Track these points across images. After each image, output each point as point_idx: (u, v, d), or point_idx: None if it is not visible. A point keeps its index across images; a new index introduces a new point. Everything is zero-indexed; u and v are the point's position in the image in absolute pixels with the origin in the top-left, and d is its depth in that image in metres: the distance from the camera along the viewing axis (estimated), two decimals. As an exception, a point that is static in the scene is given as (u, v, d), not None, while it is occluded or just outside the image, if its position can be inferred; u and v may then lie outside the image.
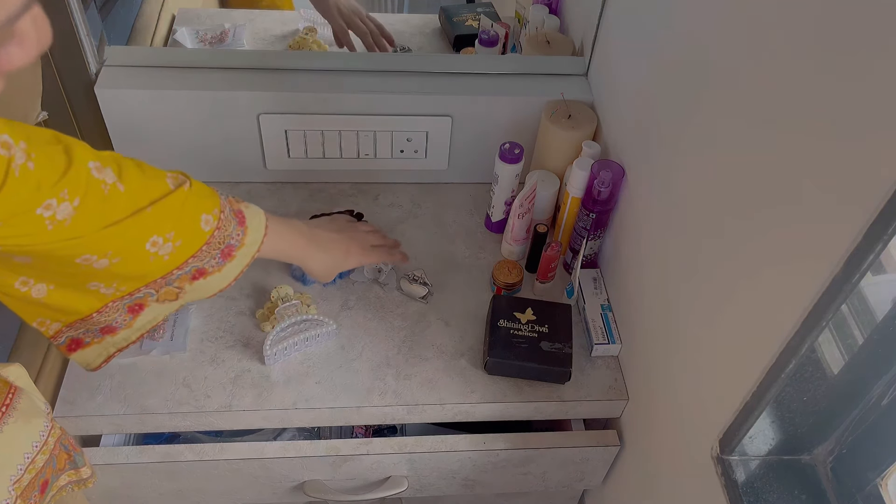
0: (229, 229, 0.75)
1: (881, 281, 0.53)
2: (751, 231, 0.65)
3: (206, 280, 0.75)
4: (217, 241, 0.74)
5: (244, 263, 0.78)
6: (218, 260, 0.75)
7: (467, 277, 1.09)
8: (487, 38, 1.23)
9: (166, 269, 0.71)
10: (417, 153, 1.16)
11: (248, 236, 0.77)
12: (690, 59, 0.77)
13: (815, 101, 0.56)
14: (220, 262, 0.75)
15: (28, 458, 0.67)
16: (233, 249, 0.76)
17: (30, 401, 0.68)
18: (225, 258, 0.75)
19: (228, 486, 0.98)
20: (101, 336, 0.78)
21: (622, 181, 0.97)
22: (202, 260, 0.73)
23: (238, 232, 0.76)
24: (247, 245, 0.77)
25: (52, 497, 0.73)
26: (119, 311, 0.76)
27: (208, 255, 0.74)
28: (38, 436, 0.68)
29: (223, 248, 0.75)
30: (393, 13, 1.41)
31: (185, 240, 0.70)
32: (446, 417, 0.96)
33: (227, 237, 0.75)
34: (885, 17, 0.48)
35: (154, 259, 0.69)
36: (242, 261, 0.77)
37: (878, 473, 0.63)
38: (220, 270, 0.76)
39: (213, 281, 0.76)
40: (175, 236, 0.69)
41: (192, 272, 0.74)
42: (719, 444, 0.70)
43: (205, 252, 0.73)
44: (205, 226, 0.72)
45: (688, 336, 0.79)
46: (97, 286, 0.71)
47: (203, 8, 1.34)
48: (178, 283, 0.74)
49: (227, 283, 0.78)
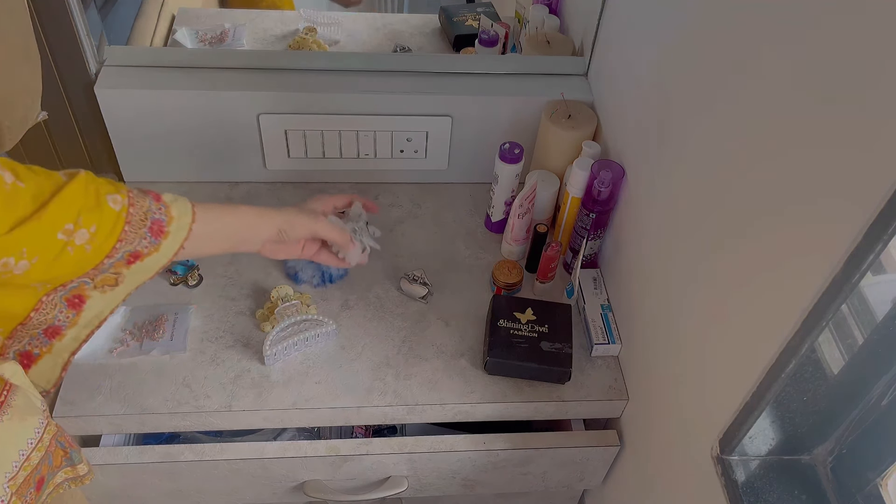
0: (145, 204, 0.70)
1: (881, 281, 0.53)
2: (751, 231, 0.65)
3: (143, 262, 0.71)
4: (138, 219, 0.69)
5: (181, 238, 0.73)
6: (150, 240, 0.70)
7: (467, 277, 1.09)
8: (487, 38, 1.23)
9: (94, 261, 0.68)
10: (417, 153, 1.16)
11: (174, 208, 0.72)
12: (690, 58, 0.77)
13: (815, 101, 0.56)
14: (153, 241, 0.71)
15: (23, 455, 0.67)
16: (163, 225, 0.71)
17: (25, 398, 0.68)
18: (158, 236, 0.71)
19: (228, 486, 0.98)
20: (49, 342, 0.75)
21: (622, 181, 0.97)
22: (131, 242, 0.69)
23: (158, 207, 0.71)
24: (176, 217, 0.72)
25: (48, 494, 0.73)
26: (58, 306, 0.72)
27: (135, 235, 0.69)
28: (33, 433, 0.68)
29: (150, 226, 0.70)
30: (393, 13, 1.41)
31: (99, 223, 0.66)
32: (446, 417, 0.96)
33: (146, 212, 0.70)
34: (885, 18, 0.48)
35: (74, 251, 0.65)
36: (179, 235, 0.72)
37: (878, 473, 0.63)
38: (157, 250, 0.71)
39: (150, 261, 0.72)
40: (86, 221, 0.65)
41: (126, 257, 0.70)
42: (719, 444, 0.70)
43: (129, 234, 0.68)
44: (114, 205, 0.67)
45: (688, 336, 0.79)
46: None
47: (203, 8, 1.34)
48: (114, 269, 0.70)
49: (167, 262, 0.73)
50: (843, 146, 0.53)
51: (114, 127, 1.08)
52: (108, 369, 0.93)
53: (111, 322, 0.97)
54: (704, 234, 0.74)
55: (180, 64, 1.09)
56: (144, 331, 0.96)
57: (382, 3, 1.42)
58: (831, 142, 0.54)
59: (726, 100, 0.69)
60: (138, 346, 0.95)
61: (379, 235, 0.94)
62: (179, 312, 0.99)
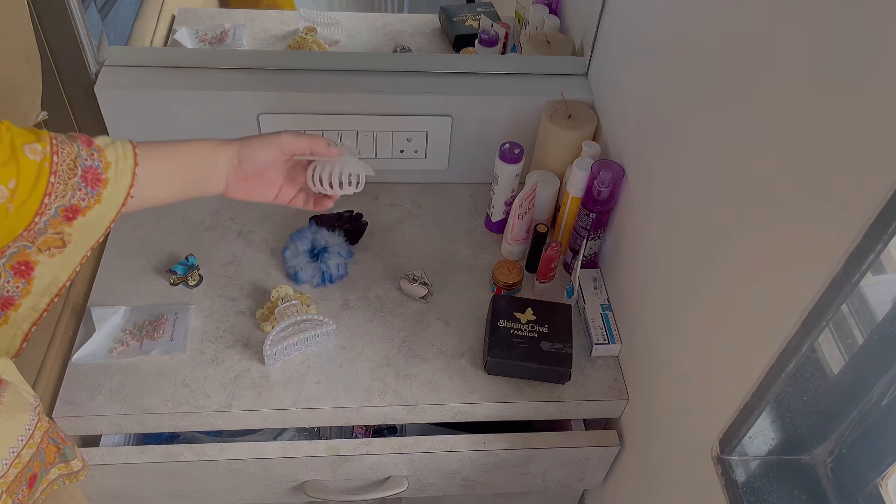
0: (73, 150, 0.62)
1: (881, 281, 0.53)
2: (751, 231, 0.65)
3: (86, 217, 0.64)
4: (65, 168, 0.61)
5: (125, 186, 0.65)
6: (87, 191, 0.63)
7: (467, 277, 1.09)
8: (487, 38, 1.23)
9: (21, 222, 0.61)
10: (417, 153, 1.16)
11: (109, 152, 0.65)
12: (691, 58, 0.77)
13: (815, 101, 0.56)
14: (90, 192, 0.63)
15: (13, 452, 0.66)
16: (98, 173, 0.63)
17: (16, 394, 0.68)
18: (95, 185, 0.63)
19: (228, 486, 0.98)
20: (3, 313, 0.70)
21: (622, 181, 0.97)
22: (62, 196, 0.62)
23: (89, 152, 0.64)
24: (114, 162, 0.64)
25: (42, 491, 0.72)
26: (3, 275, 0.67)
27: (65, 187, 0.62)
28: (23, 430, 0.67)
29: (84, 175, 0.62)
30: (393, 13, 1.41)
31: (18, 177, 0.59)
32: (446, 417, 0.96)
33: (75, 160, 0.62)
34: (884, 19, 0.48)
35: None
36: (121, 182, 0.65)
37: (878, 473, 0.63)
38: (98, 202, 0.64)
39: (95, 216, 0.65)
40: (1, 175, 0.58)
41: (62, 213, 0.63)
42: (719, 444, 0.70)
43: (58, 186, 0.61)
44: (32, 154, 0.60)
45: (688, 336, 0.79)
46: None
47: (203, 8, 1.34)
48: (52, 228, 0.63)
49: (116, 213, 0.66)
50: (843, 146, 0.53)
51: (114, 127, 1.08)
52: (108, 369, 0.93)
53: (111, 322, 0.97)
54: (704, 234, 0.74)
55: (180, 64, 1.09)
56: (144, 331, 0.96)
57: (382, 3, 1.42)
58: (831, 142, 0.54)
59: (726, 99, 0.69)
60: (138, 346, 0.95)
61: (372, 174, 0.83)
62: (179, 312, 0.99)
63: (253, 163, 0.74)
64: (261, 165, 0.75)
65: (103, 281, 1.03)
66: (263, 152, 0.75)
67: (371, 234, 1.13)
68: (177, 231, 1.11)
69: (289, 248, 1.06)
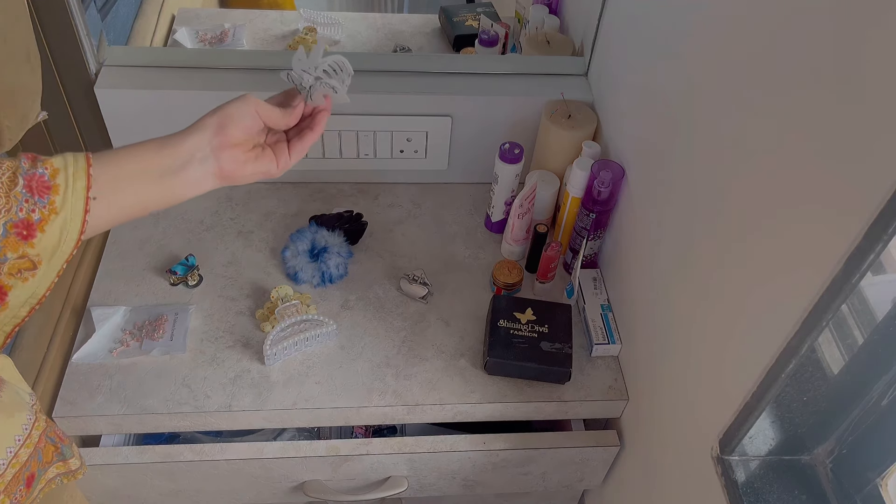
0: (13, 164, 0.58)
1: (881, 281, 0.53)
2: (751, 231, 0.65)
3: (45, 233, 0.58)
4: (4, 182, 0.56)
5: (81, 188, 0.59)
6: (35, 201, 0.57)
7: (467, 277, 1.08)
8: (487, 38, 1.23)
9: None
10: (417, 153, 1.16)
11: (57, 160, 0.59)
12: (691, 58, 0.77)
13: (815, 101, 0.56)
14: (40, 201, 0.57)
15: (11, 452, 0.65)
16: (45, 181, 0.58)
17: (13, 394, 0.67)
18: (44, 193, 0.58)
19: (228, 486, 0.98)
20: None
21: (622, 181, 0.97)
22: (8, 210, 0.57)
23: (32, 163, 0.58)
24: (63, 168, 0.59)
25: (40, 490, 0.72)
26: None
27: (9, 200, 0.56)
28: (20, 430, 0.67)
29: (27, 184, 0.57)
30: (393, 13, 1.41)
31: None
32: (446, 417, 0.96)
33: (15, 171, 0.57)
34: (883, 18, 0.48)
35: None
36: (76, 185, 0.59)
37: (878, 473, 0.63)
38: (53, 211, 0.58)
39: (56, 228, 0.59)
40: None
41: (12, 231, 0.57)
42: (719, 444, 0.70)
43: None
44: None
45: (688, 336, 0.79)
46: None
47: (203, 8, 1.34)
48: (11, 251, 0.58)
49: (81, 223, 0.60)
50: (844, 146, 0.53)
51: (114, 127, 1.08)
52: (108, 369, 0.93)
53: (111, 322, 0.97)
54: (704, 234, 0.74)
55: (180, 64, 1.09)
56: (144, 331, 0.96)
57: (382, 3, 1.42)
58: (831, 142, 0.54)
59: (726, 99, 0.69)
60: (138, 347, 0.95)
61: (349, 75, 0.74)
62: (179, 312, 0.99)
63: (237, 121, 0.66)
64: (246, 125, 0.68)
65: (103, 281, 1.03)
66: (240, 111, 0.67)
67: (371, 234, 1.13)
68: (176, 231, 1.11)
69: (288, 248, 1.06)
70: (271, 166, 0.71)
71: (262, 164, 0.70)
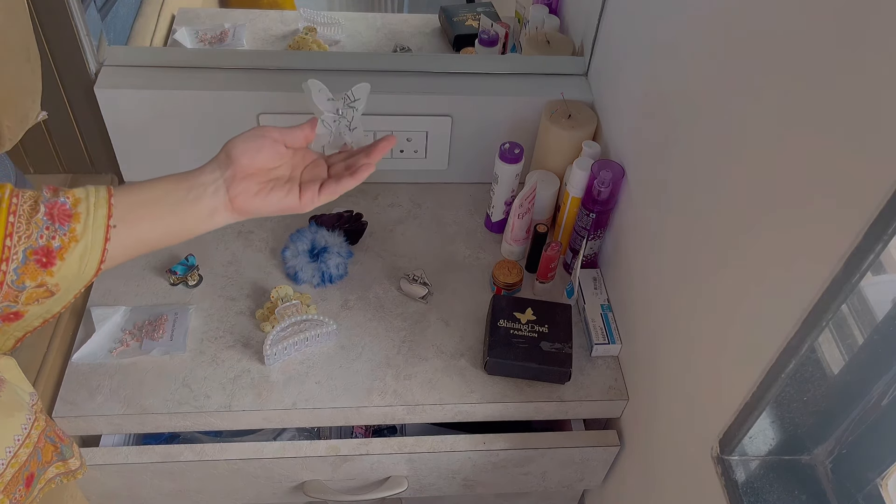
0: (35, 193, 0.59)
1: (881, 281, 0.53)
2: (751, 231, 0.65)
3: (64, 262, 0.59)
4: (26, 209, 0.58)
5: (102, 216, 0.60)
6: (56, 227, 0.58)
7: (467, 277, 1.08)
8: (487, 38, 1.23)
9: None
10: (417, 153, 1.16)
11: (78, 190, 0.60)
12: (690, 57, 0.77)
13: (815, 101, 0.56)
14: (60, 228, 0.58)
15: (10, 452, 0.66)
16: (67, 209, 0.59)
17: (13, 393, 0.67)
18: (65, 221, 0.58)
19: (228, 486, 0.98)
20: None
21: (622, 181, 0.97)
22: (29, 237, 0.57)
23: (53, 192, 0.60)
24: (85, 197, 0.60)
25: (40, 490, 0.72)
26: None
27: (31, 226, 0.57)
28: (20, 429, 0.67)
29: (49, 211, 0.58)
30: (393, 13, 1.41)
31: None
32: (446, 417, 0.96)
33: (37, 200, 0.58)
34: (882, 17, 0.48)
35: None
36: (97, 213, 0.60)
37: (878, 473, 0.63)
38: (74, 239, 0.59)
39: (76, 256, 0.59)
40: None
41: (32, 258, 0.57)
42: (719, 444, 0.70)
43: (20, 226, 0.57)
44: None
45: (688, 336, 0.79)
46: None
47: (203, 8, 1.34)
48: (30, 279, 0.58)
49: (101, 251, 0.60)
50: (843, 146, 0.53)
51: (114, 127, 1.08)
52: (108, 369, 0.93)
53: (111, 322, 0.97)
54: (704, 234, 0.74)
55: (180, 64, 1.09)
56: (144, 331, 0.96)
57: (382, 3, 1.42)
58: (831, 141, 0.54)
59: (726, 99, 0.69)
60: (138, 346, 0.95)
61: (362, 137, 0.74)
62: (179, 312, 0.99)
63: (243, 151, 0.66)
64: (255, 156, 0.67)
65: (103, 281, 1.03)
66: (246, 139, 0.67)
67: (371, 234, 1.13)
68: (177, 231, 1.11)
69: (288, 248, 1.06)
70: (291, 200, 0.69)
71: (278, 197, 0.68)
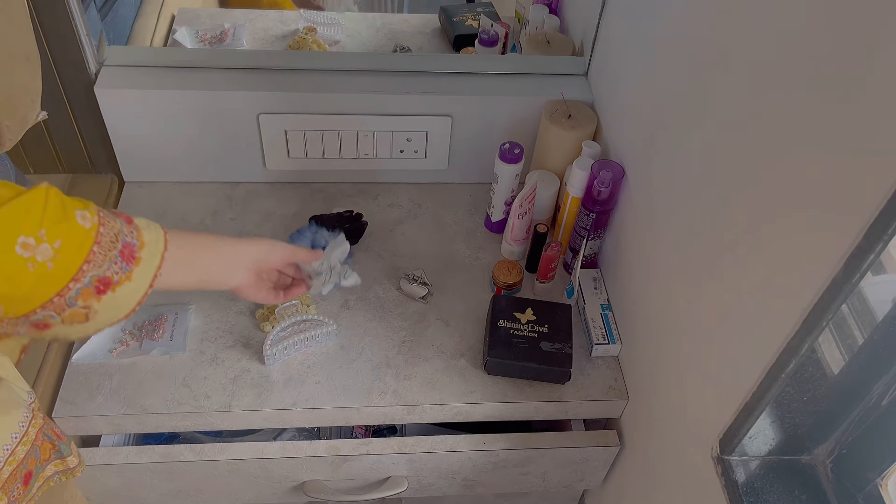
0: (116, 226, 0.64)
1: (881, 281, 0.53)
2: (751, 231, 0.65)
3: (115, 293, 0.64)
4: (108, 240, 0.63)
5: (154, 266, 0.66)
6: (121, 265, 0.64)
7: (467, 277, 1.08)
8: (487, 38, 1.23)
9: (58, 283, 0.60)
10: (417, 153, 1.16)
11: (145, 234, 0.67)
12: (691, 58, 0.77)
13: (815, 101, 0.56)
14: (124, 267, 0.64)
15: (7, 449, 0.66)
16: (134, 250, 0.65)
17: (9, 391, 0.67)
18: (129, 262, 0.65)
19: (228, 487, 0.98)
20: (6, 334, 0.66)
21: (622, 181, 0.97)
22: (100, 266, 0.62)
23: (129, 229, 0.65)
24: (149, 244, 0.66)
25: (38, 488, 0.72)
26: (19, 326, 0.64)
27: (105, 258, 0.62)
28: (17, 427, 0.67)
29: (121, 250, 0.64)
30: (393, 13, 1.41)
31: (65, 239, 0.60)
32: (446, 417, 0.96)
33: (118, 234, 0.64)
34: (881, 17, 0.48)
35: (35, 268, 0.58)
36: (151, 263, 0.66)
37: (878, 473, 0.63)
38: (129, 279, 0.64)
39: (124, 293, 0.65)
40: (49, 235, 0.59)
41: (95, 284, 0.62)
42: (719, 444, 0.70)
43: (98, 255, 0.62)
44: (82, 221, 0.61)
45: (688, 336, 0.79)
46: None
47: (203, 8, 1.34)
48: (82, 300, 0.62)
49: (142, 295, 0.66)
50: (843, 146, 0.53)
51: (114, 127, 1.08)
52: (108, 369, 0.93)
53: (111, 322, 0.97)
54: (704, 233, 0.74)
55: (180, 64, 1.09)
56: (144, 331, 0.96)
57: (382, 3, 1.42)
58: (831, 142, 0.54)
59: (726, 99, 0.69)
60: (138, 346, 0.95)
61: (356, 282, 0.91)
62: (179, 312, 0.99)
63: (269, 262, 0.81)
64: (273, 265, 0.83)
65: (103, 281, 1.03)
66: (280, 255, 0.82)
67: (371, 234, 1.13)
68: (177, 231, 1.11)
69: (289, 248, 1.05)
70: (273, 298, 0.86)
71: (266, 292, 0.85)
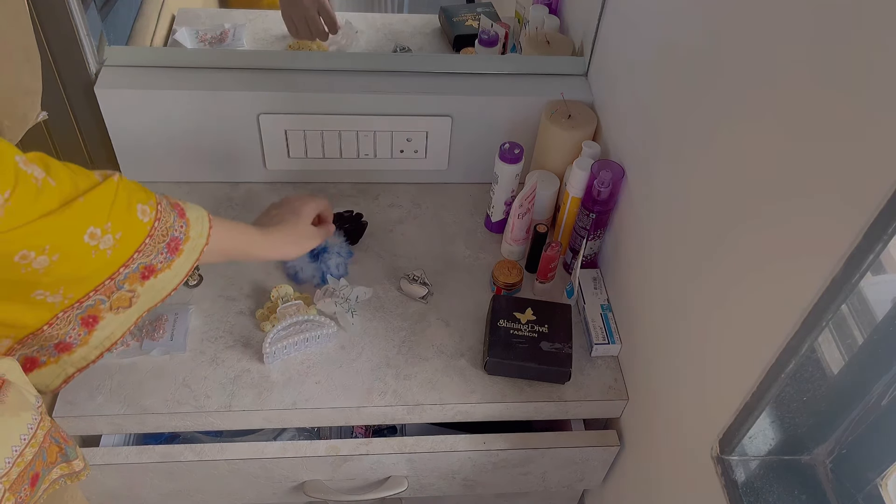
0: (170, 220, 0.72)
1: (881, 281, 0.53)
2: (751, 231, 0.65)
3: (156, 279, 0.73)
4: (160, 234, 0.71)
5: (193, 259, 0.75)
6: (165, 255, 0.72)
7: (467, 277, 1.08)
8: (487, 38, 1.23)
9: (112, 267, 0.68)
10: (417, 153, 1.16)
11: (193, 228, 0.75)
12: (690, 58, 0.77)
13: (814, 100, 0.56)
14: (167, 257, 0.72)
15: (16, 451, 0.66)
16: (179, 243, 0.73)
17: (18, 394, 0.68)
18: (173, 253, 0.73)
19: (228, 487, 0.98)
20: (58, 355, 0.75)
21: (622, 181, 0.97)
22: (148, 255, 0.70)
23: (180, 224, 0.73)
24: (192, 238, 0.75)
25: (44, 490, 0.72)
26: (71, 323, 0.72)
27: (153, 249, 0.70)
28: (25, 429, 0.68)
29: (168, 242, 0.72)
30: (393, 13, 1.41)
31: (125, 231, 0.68)
32: (446, 417, 0.96)
33: (169, 228, 0.72)
34: (882, 17, 0.48)
35: (97, 255, 0.66)
36: (191, 256, 0.75)
37: (878, 473, 0.63)
38: (169, 267, 0.73)
39: (164, 279, 0.73)
40: (113, 227, 0.66)
41: (141, 270, 0.71)
42: (719, 444, 0.70)
43: (149, 246, 0.70)
44: (142, 216, 0.69)
45: (688, 336, 0.79)
46: (43, 295, 0.67)
47: (203, 8, 1.34)
48: (129, 284, 0.71)
49: (179, 282, 0.76)
50: (843, 146, 0.53)
51: (114, 127, 1.08)
52: (108, 369, 0.93)
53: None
54: (704, 233, 0.74)
55: (180, 64, 1.09)
56: (144, 331, 0.96)
57: (382, 3, 1.42)
58: (831, 141, 0.54)
59: (726, 99, 0.69)
60: (138, 346, 0.95)
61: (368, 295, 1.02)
62: (179, 312, 0.99)
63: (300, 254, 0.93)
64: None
65: (103, 281, 1.03)
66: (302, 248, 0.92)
67: (371, 234, 1.13)
68: (177, 231, 1.11)
69: (289, 248, 1.06)
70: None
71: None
